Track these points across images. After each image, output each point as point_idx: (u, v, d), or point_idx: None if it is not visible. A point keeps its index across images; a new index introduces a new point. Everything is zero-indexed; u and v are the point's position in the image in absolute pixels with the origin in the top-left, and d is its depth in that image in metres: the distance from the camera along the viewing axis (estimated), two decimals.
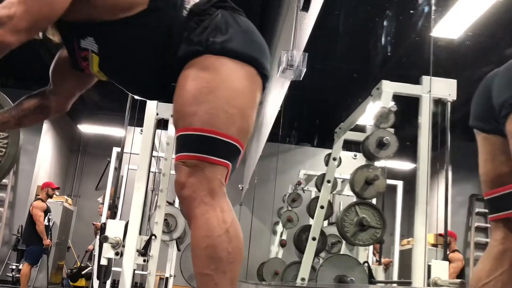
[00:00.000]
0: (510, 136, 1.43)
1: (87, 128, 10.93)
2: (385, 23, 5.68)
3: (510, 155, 1.45)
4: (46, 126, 9.47)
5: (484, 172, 1.63)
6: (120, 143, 5.34)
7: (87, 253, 8.82)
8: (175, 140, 1.25)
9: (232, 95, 1.22)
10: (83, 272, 8.20)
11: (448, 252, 5.94)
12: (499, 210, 1.57)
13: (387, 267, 6.91)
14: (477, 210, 8.60)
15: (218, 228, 1.16)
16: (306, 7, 2.96)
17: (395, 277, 6.31)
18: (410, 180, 6.94)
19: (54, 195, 9.10)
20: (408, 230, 7.51)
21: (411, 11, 5.37)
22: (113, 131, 10.11)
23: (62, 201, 8.99)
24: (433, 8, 4.31)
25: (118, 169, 6.44)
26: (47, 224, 7.08)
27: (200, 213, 1.17)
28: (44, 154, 9.58)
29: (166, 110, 4.10)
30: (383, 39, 6.02)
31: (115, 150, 8.01)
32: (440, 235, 5.67)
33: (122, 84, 1.45)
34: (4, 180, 8.94)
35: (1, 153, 1.97)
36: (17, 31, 1.18)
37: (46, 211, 7.11)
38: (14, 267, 7.88)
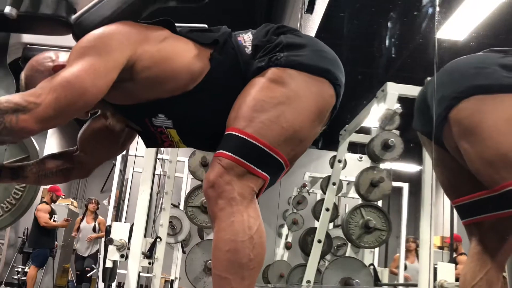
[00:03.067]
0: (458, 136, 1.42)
1: None
2: (389, 25, 5.67)
3: (457, 163, 1.47)
4: (51, 130, 9.50)
5: (441, 181, 1.67)
6: None
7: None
8: (223, 138, 1.20)
9: (295, 113, 1.19)
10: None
11: (455, 255, 5.91)
12: (472, 215, 1.61)
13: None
14: None
15: (242, 233, 1.14)
16: (310, 9, 2.97)
17: (401, 280, 6.28)
18: (415, 182, 6.90)
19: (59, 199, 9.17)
20: (414, 233, 7.48)
21: (415, 13, 5.35)
22: None
23: (68, 204, 9.01)
24: (437, 9, 4.29)
25: (123, 171, 6.46)
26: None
27: (226, 216, 1.14)
28: None
29: None
30: (387, 41, 6.00)
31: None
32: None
33: (209, 148, 1.41)
34: None
35: (17, 196, 1.95)
36: (42, 119, 1.14)
37: (51, 213, 7.15)
38: (20, 269, 7.89)
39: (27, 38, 1.64)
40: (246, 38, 1.29)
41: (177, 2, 1.37)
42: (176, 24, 1.33)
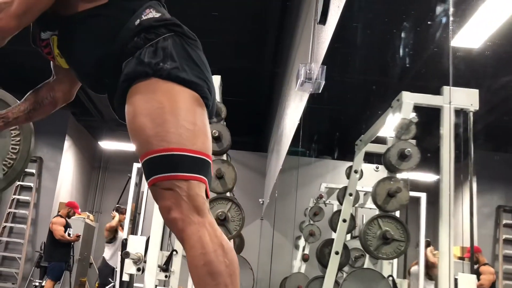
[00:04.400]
0: None
1: (107, 145, 11.06)
2: (403, 34, 5.65)
3: None
4: (67, 144, 9.60)
5: None
6: None
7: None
8: (143, 168, 1.24)
9: (187, 113, 1.23)
10: None
11: (477, 266, 5.81)
12: None
13: None
14: (504, 221, 8.39)
15: (212, 244, 1.15)
16: (323, 20, 2.96)
17: None
18: (434, 192, 6.82)
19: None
20: (433, 243, 7.37)
21: (429, 22, 5.33)
22: (133, 147, 10.13)
23: (84, 218, 9.07)
24: (451, 19, 4.27)
25: (138, 185, 6.49)
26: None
27: (192, 233, 1.16)
28: (65, 171, 9.70)
29: None
30: (401, 50, 5.98)
31: (136, 166, 8.07)
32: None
33: (74, 71, 1.49)
34: (26, 197, 9.08)
35: (15, 150, 2.00)
36: (16, 16, 1.27)
37: (66, 226, 7.18)
38: (37, 283, 7.94)
39: None
40: (149, 14, 1.35)
41: None
42: None
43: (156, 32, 1.30)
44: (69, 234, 7.26)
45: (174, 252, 4.01)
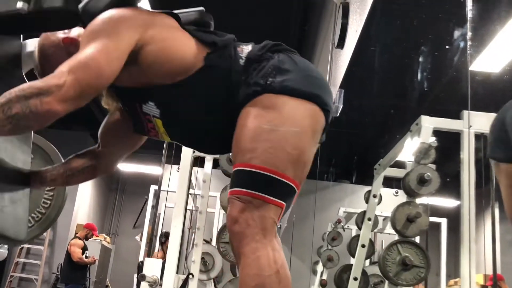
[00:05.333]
0: None
1: (125, 167, 11.14)
2: (421, 58, 5.65)
3: None
4: None
5: (506, 208, 1.57)
6: (157, 181, 5.42)
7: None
8: (232, 174, 1.23)
9: (293, 136, 1.21)
10: None
11: None
12: None
13: None
14: None
15: (268, 268, 1.13)
16: (341, 44, 2.98)
17: None
18: (454, 217, 6.71)
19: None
20: (455, 270, 7.21)
21: (447, 47, 5.32)
22: (150, 169, 10.27)
23: (101, 240, 9.09)
24: (469, 43, 4.26)
25: (155, 207, 6.51)
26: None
27: (251, 251, 1.14)
28: (83, 193, 9.78)
29: None
30: (419, 74, 5.97)
31: (153, 188, 8.11)
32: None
33: (188, 144, 1.48)
34: None
35: (47, 205, 1.99)
36: (64, 100, 1.19)
37: (84, 249, 7.20)
38: None
39: None
40: (245, 50, 1.33)
41: None
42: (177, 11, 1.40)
43: (265, 58, 1.29)
44: (86, 257, 7.28)
45: (190, 276, 3.99)
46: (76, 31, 1.42)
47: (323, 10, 4.61)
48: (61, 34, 1.41)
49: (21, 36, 1.60)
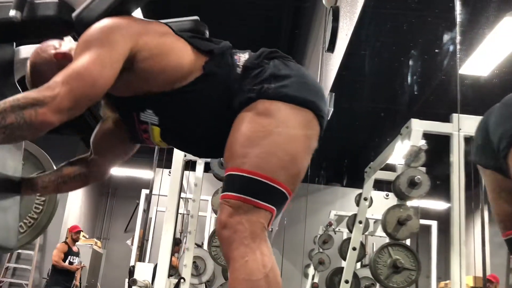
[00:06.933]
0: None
1: (116, 171, 11.06)
2: (411, 62, 5.69)
3: None
4: None
5: (494, 212, 1.59)
6: (148, 185, 5.40)
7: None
8: (224, 179, 1.23)
9: (286, 141, 1.21)
10: None
11: None
12: None
13: None
14: None
15: (257, 272, 1.14)
16: (331, 48, 2.99)
17: None
18: (444, 220, 6.75)
19: (83, 238, 9.14)
20: (445, 272, 7.25)
21: (436, 50, 5.37)
22: (141, 173, 10.23)
23: (92, 244, 9.03)
24: (458, 47, 4.30)
25: (146, 211, 6.49)
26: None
27: (240, 255, 1.15)
28: (74, 197, 9.72)
29: None
30: (409, 78, 6.01)
31: (144, 192, 8.08)
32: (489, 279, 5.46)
33: (185, 149, 1.49)
34: None
35: (38, 210, 1.98)
36: (59, 111, 1.19)
37: (67, 254, 7.03)
38: None
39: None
40: (242, 58, 1.33)
41: None
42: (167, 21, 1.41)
43: (261, 65, 1.29)
44: (70, 262, 7.08)
45: (182, 280, 3.98)
46: (67, 45, 1.41)
47: (314, 14, 4.63)
48: (52, 50, 1.40)
49: (14, 43, 1.59)
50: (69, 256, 7.07)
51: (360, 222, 4.56)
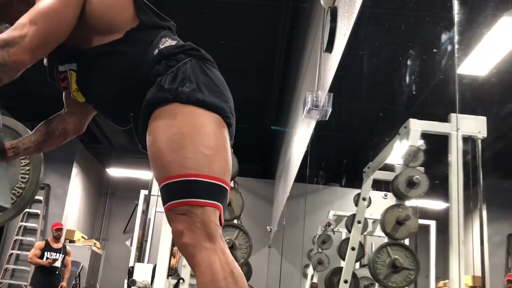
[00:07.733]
0: None
1: (115, 172, 11.09)
2: (409, 62, 5.69)
3: None
4: (75, 170, 9.64)
5: None
6: (147, 186, 5.40)
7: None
8: (160, 192, 1.24)
9: (205, 137, 1.23)
10: None
11: None
12: None
13: None
14: None
15: (222, 271, 1.14)
16: (329, 48, 2.99)
17: None
18: (443, 219, 6.76)
19: (82, 239, 9.13)
20: (444, 272, 7.26)
21: (435, 50, 5.37)
22: (140, 174, 10.23)
23: (90, 245, 9.03)
24: (456, 46, 4.30)
25: (145, 212, 6.48)
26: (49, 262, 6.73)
27: (202, 259, 1.16)
28: (73, 198, 9.71)
29: None
30: (407, 78, 6.01)
31: (143, 192, 8.08)
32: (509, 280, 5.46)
33: (96, 107, 1.50)
34: (33, 224, 9.08)
35: (24, 179, 2.00)
36: (30, 50, 1.25)
37: (44, 250, 6.87)
38: None
39: None
40: (166, 43, 1.36)
41: None
42: None
43: (176, 59, 1.32)
44: (47, 258, 6.78)
45: (181, 281, 3.98)
46: None
47: (312, 15, 4.64)
48: None
49: None
50: (46, 252, 6.83)
51: (359, 222, 4.57)
